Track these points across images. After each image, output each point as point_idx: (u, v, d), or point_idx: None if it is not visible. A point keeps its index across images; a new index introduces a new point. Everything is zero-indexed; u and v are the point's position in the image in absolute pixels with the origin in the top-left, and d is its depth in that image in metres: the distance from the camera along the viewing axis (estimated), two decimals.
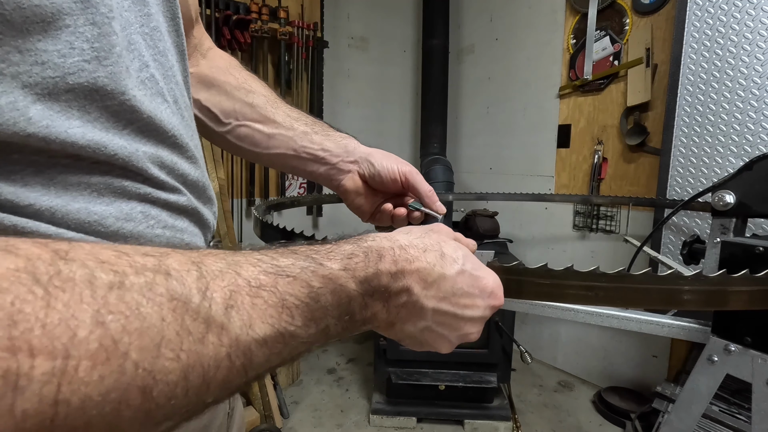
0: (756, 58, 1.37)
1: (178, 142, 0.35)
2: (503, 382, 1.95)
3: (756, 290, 0.43)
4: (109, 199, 0.29)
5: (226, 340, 0.21)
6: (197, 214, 0.38)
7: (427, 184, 0.52)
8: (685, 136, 1.55)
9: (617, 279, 0.40)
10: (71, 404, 0.15)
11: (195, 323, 0.19)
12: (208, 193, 0.41)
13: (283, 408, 1.96)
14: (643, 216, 2.01)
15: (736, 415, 1.15)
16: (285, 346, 0.24)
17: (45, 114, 0.25)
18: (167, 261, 0.20)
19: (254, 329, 0.22)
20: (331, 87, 2.64)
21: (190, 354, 0.19)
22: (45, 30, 0.24)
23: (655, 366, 2.04)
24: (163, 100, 0.34)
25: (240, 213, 2.37)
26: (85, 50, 0.26)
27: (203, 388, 0.20)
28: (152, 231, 0.32)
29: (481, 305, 0.35)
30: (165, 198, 0.34)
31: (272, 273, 0.24)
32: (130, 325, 0.17)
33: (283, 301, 0.24)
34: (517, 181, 2.61)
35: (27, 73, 0.24)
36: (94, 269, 0.17)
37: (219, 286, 0.21)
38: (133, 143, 0.30)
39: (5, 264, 0.15)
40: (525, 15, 2.49)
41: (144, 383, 0.17)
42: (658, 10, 1.89)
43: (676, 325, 0.73)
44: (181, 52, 0.40)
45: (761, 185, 0.73)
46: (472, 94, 2.89)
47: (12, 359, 0.14)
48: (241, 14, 2.10)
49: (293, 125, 0.56)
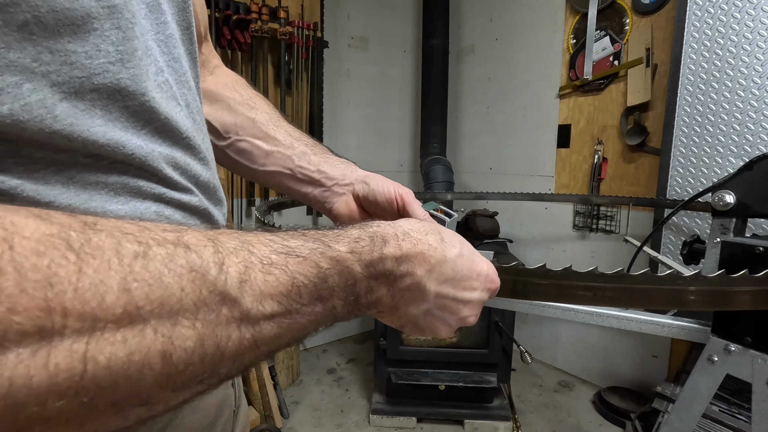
0: (756, 58, 1.37)
1: (191, 144, 0.36)
2: (503, 382, 1.95)
3: (757, 290, 0.43)
4: (125, 198, 0.30)
5: (237, 312, 0.22)
6: (208, 215, 0.39)
7: (421, 208, 0.52)
8: (685, 136, 1.55)
9: (616, 279, 0.40)
10: (98, 362, 0.17)
11: (211, 295, 0.21)
12: (219, 195, 0.42)
13: (283, 408, 1.97)
14: (643, 216, 2.01)
15: (736, 415, 1.15)
16: (293, 323, 0.25)
17: (70, 112, 0.26)
18: (185, 236, 0.22)
19: (264, 305, 0.23)
20: (331, 87, 2.64)
21: (206, 323, 0.20)
22: (74, 32, 0.25)
23: (655, 366, 2.04)
24: (176, 103, 0.35)
25: (240, 213, 2.37)
26: (110, 53, 0.27)
27: (217, 357, 0.21)
28: None
29: (479, 288, 0.36)
30: (178, 198, 0.35)
31: (283, 253, 0.25)
32: (152, 294, 0.18)
33: (293, 279, 0.24)
34: (517, 181, 2.61)
35: (56, 72, 0.25)
36: (120, 239, 0.18)
37: (233, 262, 0.22)
38: (150, 143, 0.31)
39: (41, 229, 0.16)
40: (525, 15, 2.49)
41: (164, 348, 0.19)
42: (658, 10, 1.89)
43: (676, 325, 0.73)
44: (194, 59, 0.41)
45: (761, 185, 0.73)
46: (472, 94, 2.89)
47: (47, 318, 0.15)
48: (241, 14, 2.10)
49: (293, 144, 0.56)
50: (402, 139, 3.05)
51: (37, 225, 0.16)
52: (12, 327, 0.15)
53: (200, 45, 0.55)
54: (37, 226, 0.16)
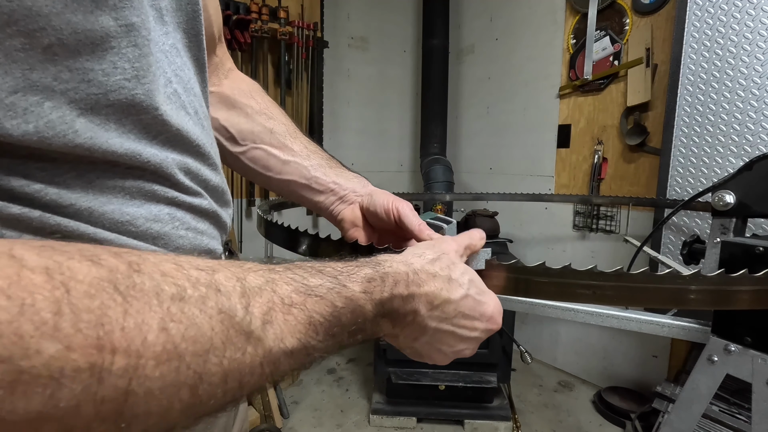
0: (756, 58, 1.36)
1: (202, 151, 0.38)
2: (503, 382, 1.95)
3: (756, 290, 0.43)
4: (140, 201, 0.32)
5: (261, 351, 0.24)
6: (216, 217, 0.41)
7: (418, 218, 0.53)
8: (685, 136, 1.55)
9: (615, 278, 0.40)
10: (138, 394, 0.18)
11: (237, 335, 0.23)
12: (226, 197, 0.44)
13: (283, 408, 1.97)
14: (643, 216, 2.01)
15: (736, 415, 1.15)
16: (307, 356, 0.27)
17: (88, 126, 0.27)
18: (216, 276, 0.23)
19: (284, 342, 0.25)
20: (331, 87, 2.64)
21: (231, 361, 0.22)
22: (93, 51, 0.27)
23: (655, 366, 2.04)
24: (185, 112, 0.36)
25: (240, 213, 2.37)
26: (126, 70, 0.29)
27: (238, 391, 0.23)
28: (177, 232, 0.35)
29: (480, 328, 0.38)
30: (189, 201, 0.36)
31: (303, 292, 0.27)
32: (187, 333, 0.20)
33: (310, 318, 0.27)
34: (517, 181, 2.61)
35: (74, 90, 0.26)
36: (160, 282, 0.20)
37: (258, 303, 0.24)
38: (164, 151, 0.33)
39: (92, 272, 0.18)
40: (525, 15, 2.49)
41: (193, 382, 0.20)
42: (658, 10, 1.89)
43: (676, 325, 0.73)
44: (201, 65, 0.42)
45: (761, 185, 0.73)
46: (472, 94, 2.89)
47: (98, 355, 0.17)
48: (241, 14, 2.10)
49: (310, 156, 0.58)
50: (402, 139, 3.05)
51: (89, 269, 0.18)
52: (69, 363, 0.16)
53: (214, 48, 0.57)
54: (89, 270, 0.18)
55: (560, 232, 2.39)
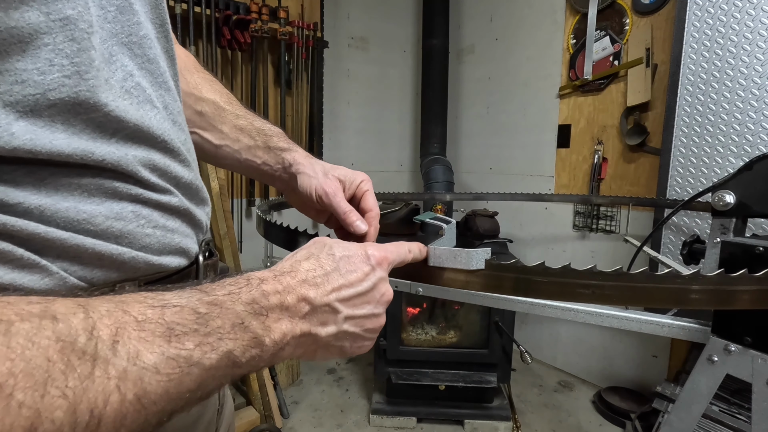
0: (756, 58, 1.36)
1: (169, 147, 0.36)
2: (503, 382, 1.95)
3: (756, 290, 0.43)
4: (100, 199, 0.31)
5: (113, 372, 0.22)
6: (189, 215, 0.39)
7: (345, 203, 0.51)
8: (685, 136, 1.55)
9: (614, 277, 0.40)
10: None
11: (80, 361, 0.21)
12: (202, 195, 0.43)
13: (283, 408, 1.96)
14: (643, 216, 2.01)
15: (736, 415, 1.15)
16: (182, 372, 0.25)
17: (28, 129, 0.26)
18: (53, 306, 0.22)
19: (141, 359, 0.23)
20: (331, 87, 2.64)
21: (77, 390, 0.20)
22: (24, 50, 0.25)
23: (655, 366, 2.04)
24: (152, 106, 0.35)
25: (240, 213, 2.37)
26: (65, 66, 0.27)
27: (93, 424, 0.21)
28: (142, 230, 0.34)
29: (369, 270, 0.37)
30: (157, 199, 0.35)
31: (158, 306, 0.25)
32: (15, 368, 0.18)
33: (170, 330, 0.25)
34: (517, 181, 2.61)
35: (8, 93, 0.25)
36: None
37: (105, 325, 0.23)
38: (123, 148, 0.32)
39: None
40: (525, 15, 2.49)
41: (28, 422, 0.18)
42: (658, 10, 1.89)
43: (676, 325, 0.73)
44: (172, 57, 0.41)
45: (761, 185, 0.73)
46: (472, 94, 2.89)
47: None
48: (241, 14, 2.10)
49: (239, 138, 0.57)
50: (402, 139, 3.05)
51: None
52: None
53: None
54: None
55: (560, 232, 2.39)
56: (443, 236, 0.49)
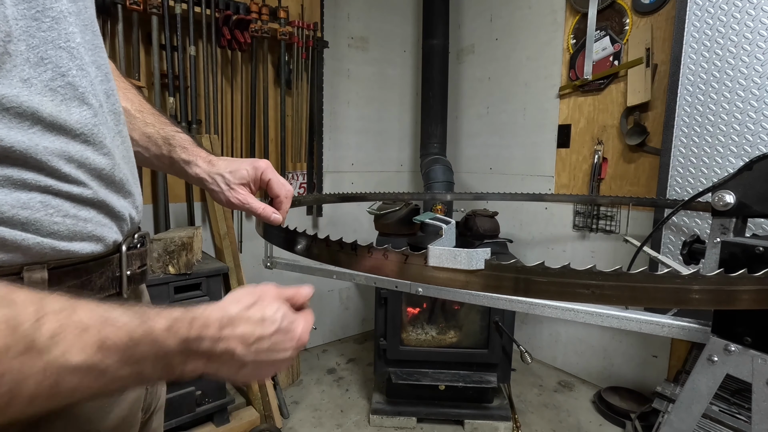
0: (756, 58, 1.36)
1: (90, 140, 0.39)
2: (503, 382, 1.95)
3: (757, 290, 0.43)
4: (8, 189, 0.33)
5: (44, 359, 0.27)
6: (105, 206, 0.42)
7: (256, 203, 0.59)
8: (685, 136, 1.55)
9: (613, 277, 0.40)
10: None
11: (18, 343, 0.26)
12: (127, 187, 0.45)
13: (283, 408, 1.96)
14: (643, 216, 2.01)
15: (736, 415, 1.15)
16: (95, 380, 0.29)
17: None
18: (14, 295, 0.27)
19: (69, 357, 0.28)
20: (331, 87, 2.64)
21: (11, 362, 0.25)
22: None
23: (655, 366, 2.04)
24: (80, 102, 0.38)
25: (240, 213, 2.37)
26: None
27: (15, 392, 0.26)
28: (51, 219, 0.36)
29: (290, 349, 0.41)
30: (67, 190, 0.37)
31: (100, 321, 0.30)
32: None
33: (103, 341, 0.29)
34: (517, 181, 2.60)
35: None
36: None
37: (51, 320, 0.27)
38: (35, 138, 0.34)
39: None
40: (525, 15, 2.49)
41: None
42: (658, 10, 1.89)
43: (676, 325, 0.73)
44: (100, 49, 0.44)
45: (761, 185, 0.73)
46: (472, 94, 2.89)
47: None
48: (241, 14, 2.10)
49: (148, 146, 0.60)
50: (402, 139, 3.05)
51: None
52: None
53: None
54: None
55: (560, 232, 2.39)
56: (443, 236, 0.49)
